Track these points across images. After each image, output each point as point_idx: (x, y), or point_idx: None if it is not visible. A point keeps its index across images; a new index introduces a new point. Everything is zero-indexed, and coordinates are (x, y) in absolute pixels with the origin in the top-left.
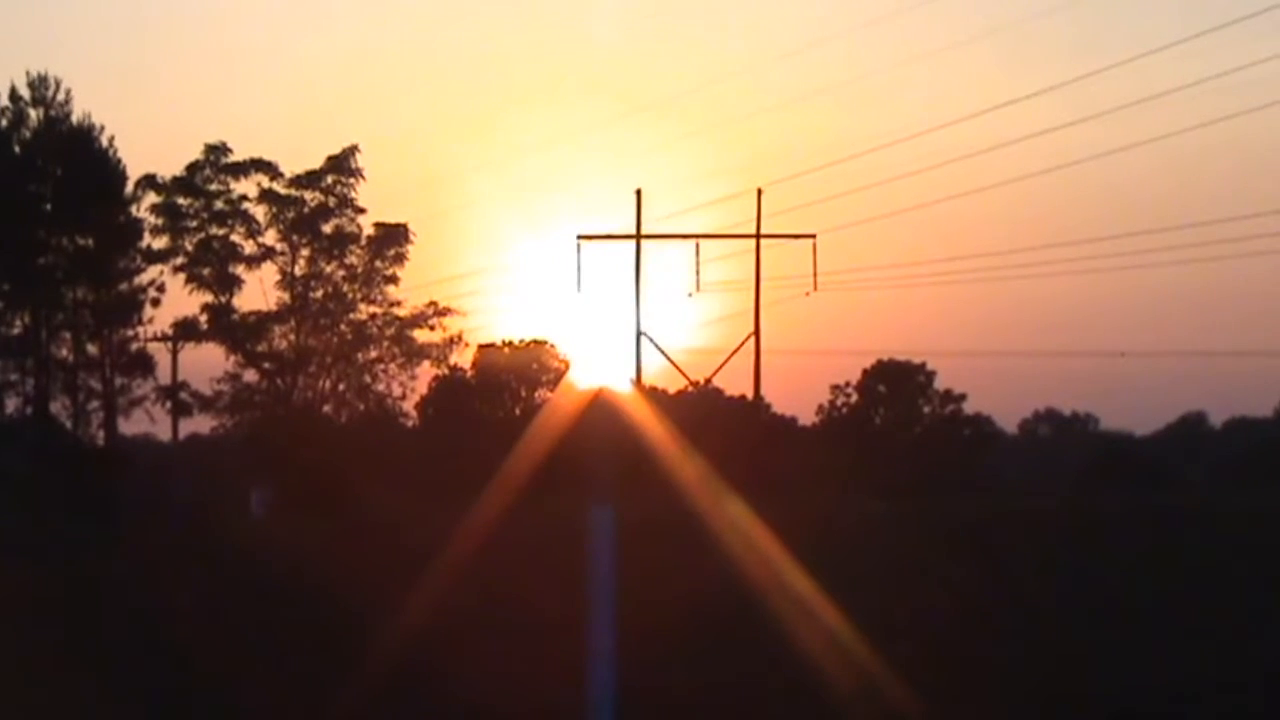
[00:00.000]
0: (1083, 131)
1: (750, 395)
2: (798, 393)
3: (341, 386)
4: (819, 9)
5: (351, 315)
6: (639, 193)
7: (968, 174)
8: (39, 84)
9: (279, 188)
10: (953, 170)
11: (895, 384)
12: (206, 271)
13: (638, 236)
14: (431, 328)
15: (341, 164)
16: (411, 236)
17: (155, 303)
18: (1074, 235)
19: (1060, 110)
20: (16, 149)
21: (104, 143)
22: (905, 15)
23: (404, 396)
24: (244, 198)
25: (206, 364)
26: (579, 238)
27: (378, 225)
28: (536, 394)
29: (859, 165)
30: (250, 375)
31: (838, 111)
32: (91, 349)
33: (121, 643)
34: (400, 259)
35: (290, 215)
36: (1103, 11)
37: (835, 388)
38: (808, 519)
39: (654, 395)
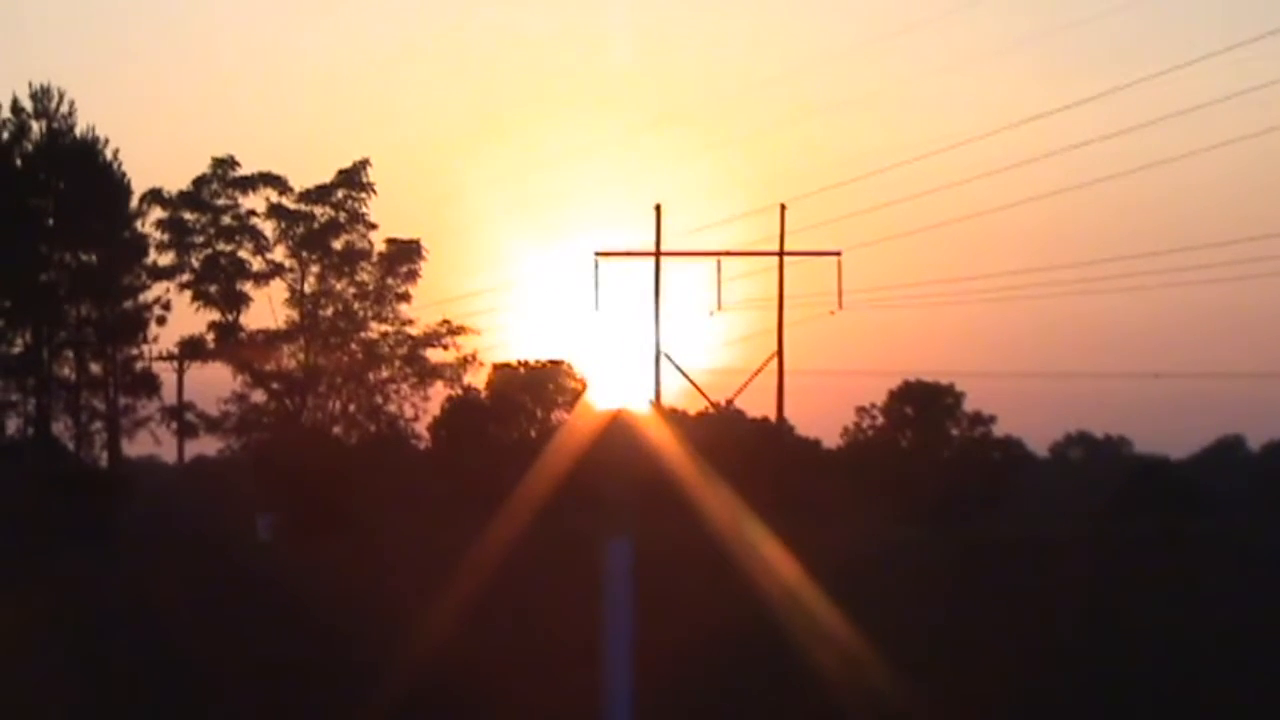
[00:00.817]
0: (1118, 145)
1: (773, 417)
2: (822, 415)
3: (352, 407)
4: (845, 19)
5: (362, 334)
6: (658, 208)
7: (998, 188)
8: (41, 95)
9: (288, 202)
10: (983, 185)
11: (923, 406)
12: (213, 289)
13: (657, 253)
14: (445, 347)
15: (352, 178)
16: (424, 253)
17: (160, 321)
18: (1108, 252)
19: (1095, 123)
20: (18, 162)
21: (108, 156)
22: (934, 25)
23: (416, 418)
24: (252, 213)
25: (213, 384)
26: (597, 254)
27: (389, 241)
28: (552, 416)
29: (885, 180)
30: (258, 396)
31: (864, 124)
32: (95, 368)
33: (127, 677)
34: (412, 276)
35: (299, 231)
36: (1140, 21)
37: (861, 410)
38: (833, 546)
39: (674, 417)
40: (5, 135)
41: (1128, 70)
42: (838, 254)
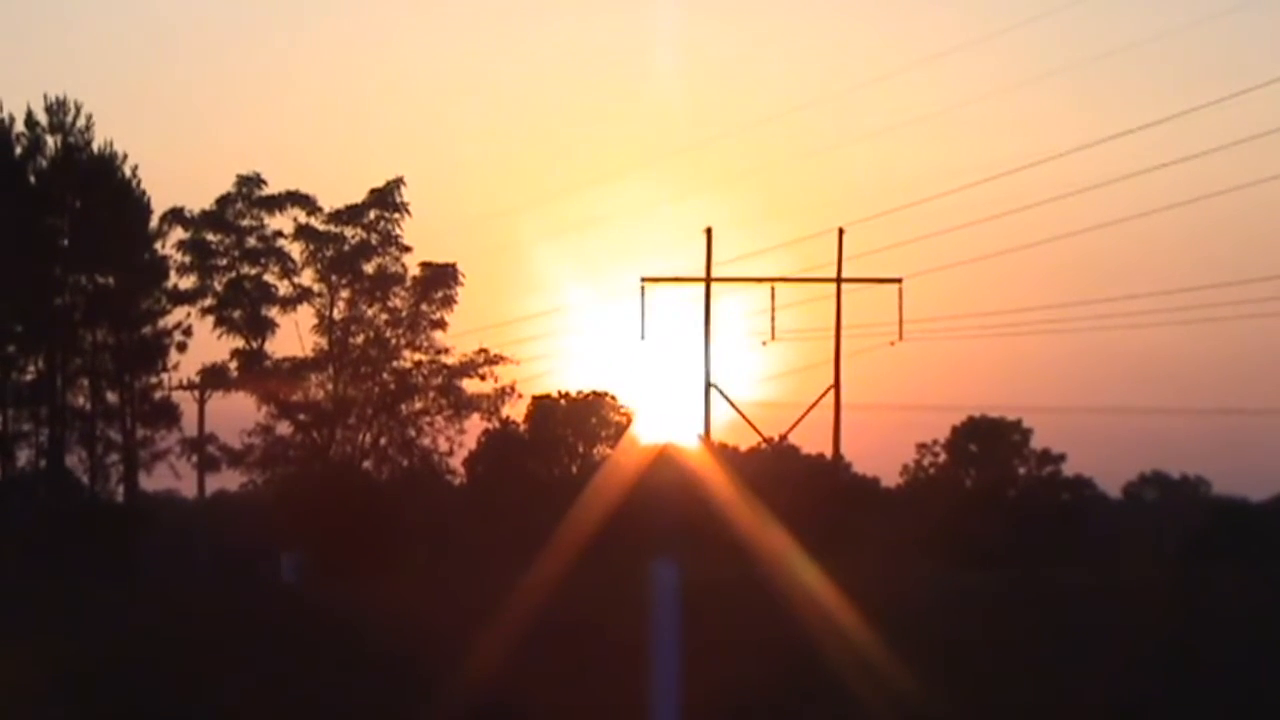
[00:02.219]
0: (1196, 168)
1: (829, 454)
2: (881, 451)
3: (383, 441)
4: (906, 33)
5: (395, 363)
6: (709, 231)
7: (1068, 213)
8: (57, 109)
9: (317, 223)
10: (1052, 209)
11: (988, 443)
12: (237, 314)
13: (707, 279)
14: (482, 377)
15: (385, 198)
16: (460, 278)
17: (181, 347)
18: (1186, 281)
19: (1171, 145)
20: (32, 179)
21: (127, 173)
22: (1000, 40)
23: (451, 452)
24: (279, 234)
25: (236, 415)
26: (643, 280)
27: (424, 265)
28: (596, 450)
29: (949, 203)
30: (284, 428)
31: (927, 144)
32: (111, 397)
33: None
34: (448, 302)
35: (329, 254)
36: (1218, 40)
37: (922, 446)
38: (892, 591)
39: (724, 453)
40: (19, 150)
41: (1210, 90)
42: (898, 281)
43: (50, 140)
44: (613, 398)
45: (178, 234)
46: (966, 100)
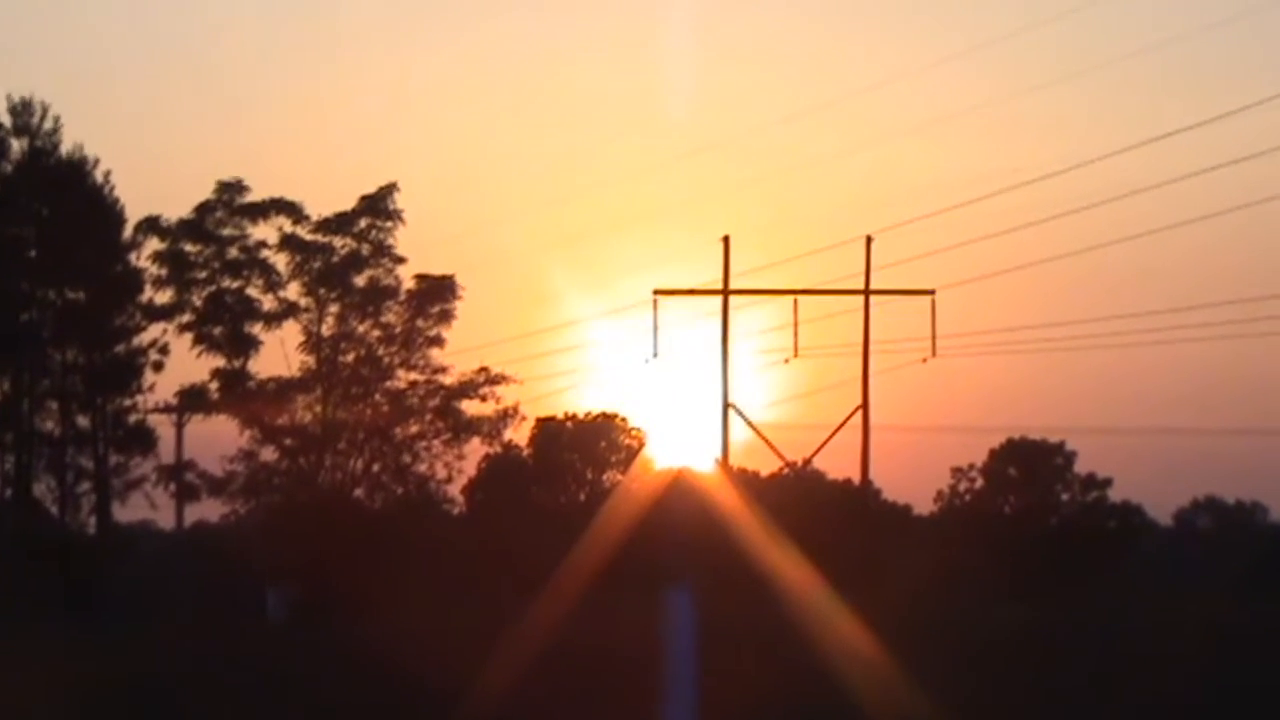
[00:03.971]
0: (1254, 169)
1: (857, 479)
2: (913, 476)
3: (376, 467)
4: (940, 26)
5: (388, 383)
6: (726, 240)
7: (1114, 219)
8: (22, 110)
9: (303, 233)
10: (1096, 215)
11: (1028, 466)
12: (217, 331)
13: (725, 292)
14: (482, 398)
15: (377, 205)
16: (459, 291)
17: (157, 367)
18: (1240, 292)
19: (1229, 145)
20: None
21: (98, 179)
22: (1040, 33)
23: (449, 479)
24: (262, 244)
25: (217, 440)
26: (655, 293)
27: (419, 278)
28: (605, 476)
29: (985, 209)
30: (268, 453)
31: (961, 145)
32: (82, 421)
33: None
34: (446, 317)
35: (317, 265)
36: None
37: (957, 471)
38: (925, 626)
39: (743, 478)
40: None
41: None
42: (931, 293)
43: (15, 144)
44: (623, 419)
45: (153, 244)
46: (1004, 98)
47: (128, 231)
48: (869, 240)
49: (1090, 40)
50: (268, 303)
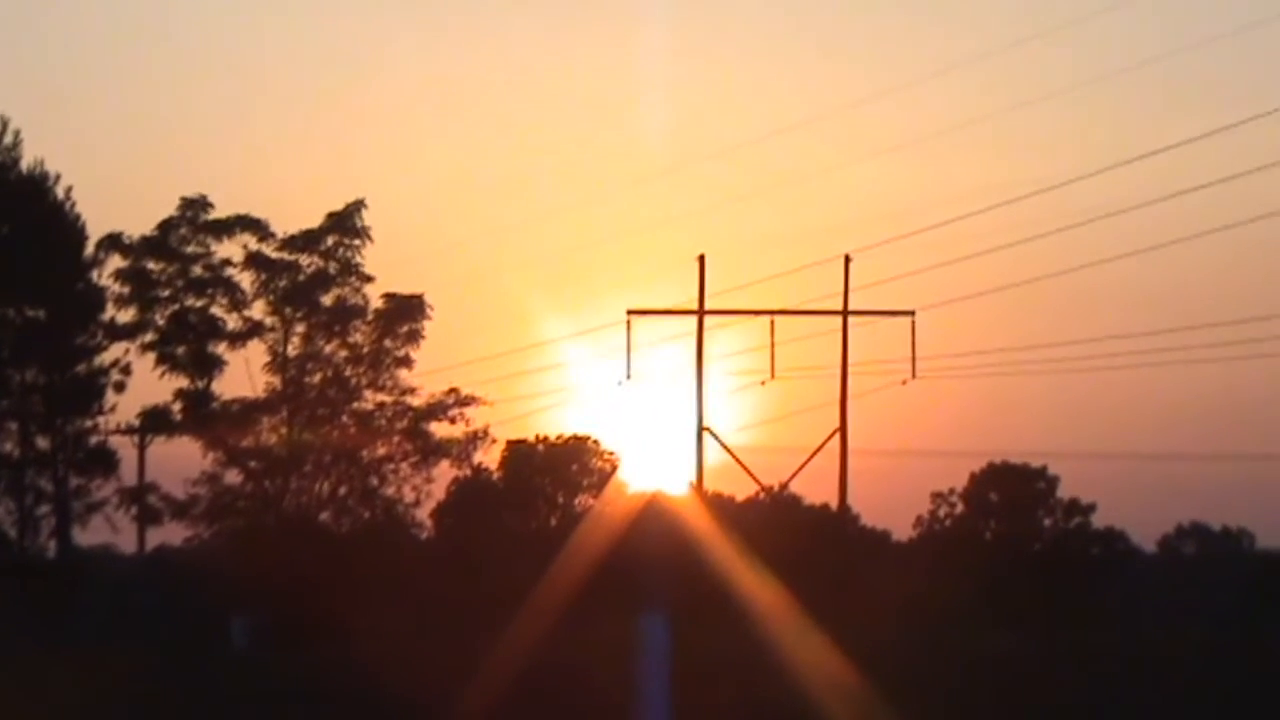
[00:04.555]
0: (1237, 190)
1: (834, 504)
2: (892, 501)
3: (343, 490)
4: (920, 43)
5: (355, 404)
6: (702, 259)
7: (1098, 239)
8: None
9: (269, 250)
10: (1080, 235)
11: (1009, 491)
12: (181, 351)
13: (700, 312)
14: (451, 420)
15: (344, 222)
16: (428, 310)
17: (119, 388)
18: (1228, 314)
19: (1212, 163)
20: None
21: (59, 194)
22: (1024, 49)
23: (418, 502)
24: (227, 262)
25: (180, 462)
26: (628, 313)
27: (387, 296)
28: (577, 501)
29: (967, 228)
30: (232, 476)
31: (942, 163)
32: (41, 443)
33: None
34: (414, 337)
35: (282, 284)
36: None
37: (937, 496)
38: (905, 655)
39: (718, 503)
40: None
41: (1258, 100)
42: (911, 314)
43: None
44: (595, 442)
45: (115, 262)
46: (986, 115)
47: (89, 249)
48: (847, 259)
49: (1074, 57)
50: (232, 322)
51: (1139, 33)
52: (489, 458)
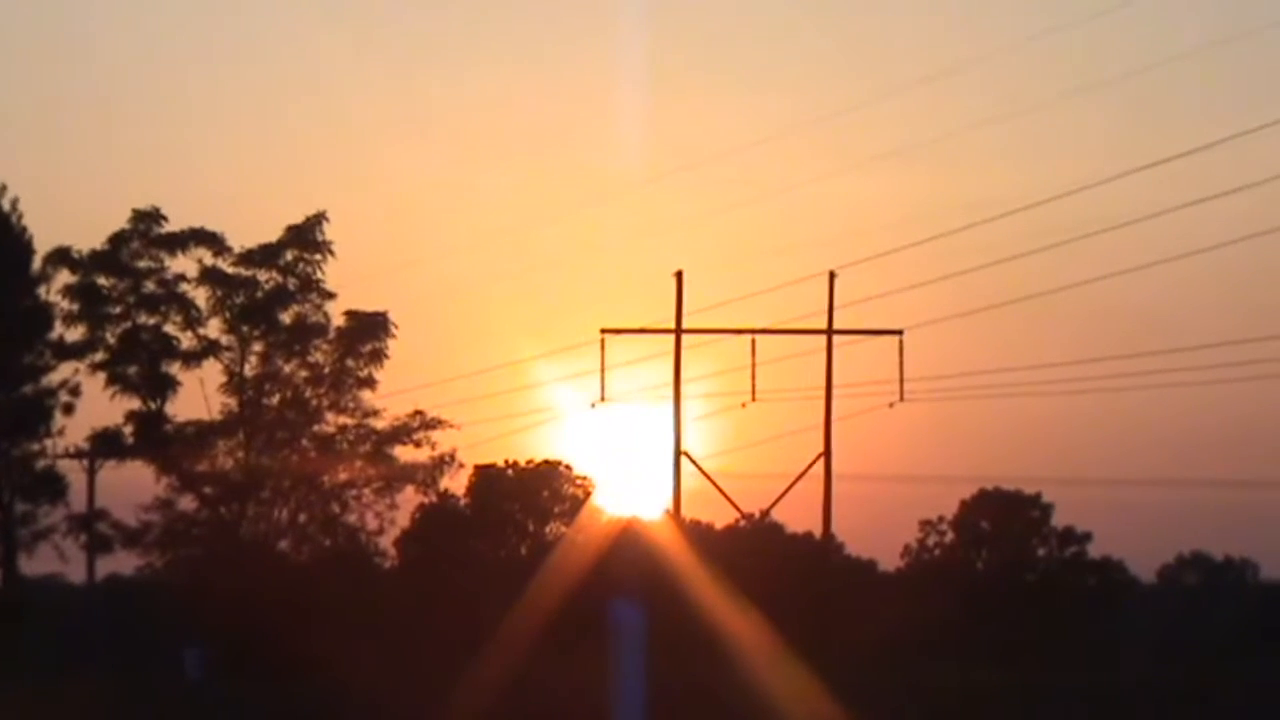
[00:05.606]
0: (1245, 203)
1: (818, 532)
2: (878, 529)
3: (302, 517)
4: (908, 48)
5: (316, 427)
6: (679, 275)
7: (1097, 254)
8: None
9: (225, 265)
10: (1077, 249)
11: (1002, 519)
12: (133, 370)
13: (677, 331)
14: (417, 444)
15: (305, 236)
16: (392, 329)
17: (68, 409)
18: (1231, 334)
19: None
20: None
21: (6, 206)
22: (1018, 54)
23: (381, 530)
24: (181, 278)
25: (131, 487)
26: (602, 331)
27: (350, 314)
28: (548, 528)
29: (958, 243)
30: (187, 502)
31: (932, 175)
32: None
33: None
34: (378, 357)
35: (239, 300)
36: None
37: (926, 523)
38: (891, 693)
39: (696, 531)
40: None
41: (1262, 110)
42: (899, 333)
43: None
44: (568, 467)
45: (64, 277)
46: (980, 123)
47: (37, 263)
48: (832, 276)
49: (1072, 63)
50: (187, 340)
51: (1136, 42)
52: (456, 483)
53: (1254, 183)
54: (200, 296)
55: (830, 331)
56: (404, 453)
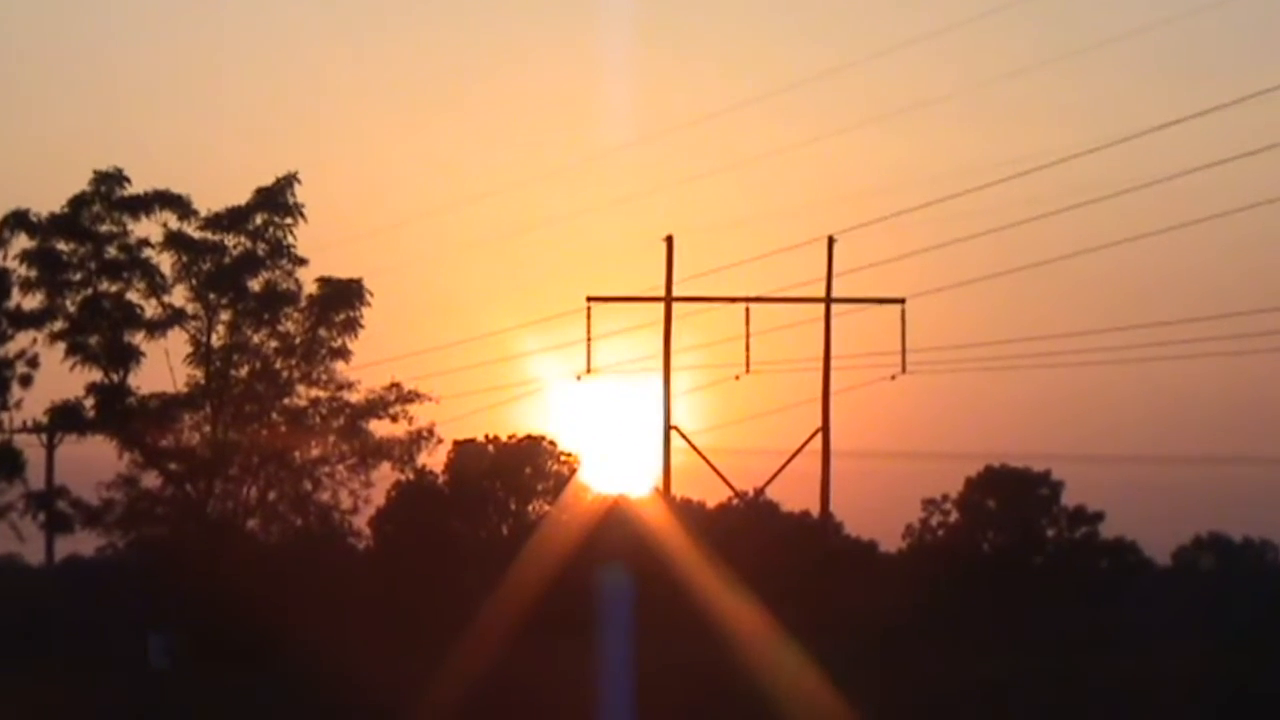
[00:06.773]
0: (1272, 162)
1: (815, 511)
2: (879, 508)
3: (273, 495)
4: (912, 5)
5: (286, 400)
6: (669, 240)
7: (1109, 220)
8: None
9: (191, 230)
10: (1089, 214)
11: (1009, 498)
12: (94, 340)
13: (668, 299)
14: (393, 418)
15: (275, 199)
16: (367, 297)
17: (25, 381)
18: (1250, 303)
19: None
20: None
21: None
22: (1023, 9)
23: (355, 509)
24: (145, 243)
25: (92, 464)
26: (588, 300)
27: (322, 281)
28: (531, 507)
29: (962, 207)
30: (151, 479)
31: (934, 136)
32: None
33: None
34: (352, 326)
35: (206, 267)
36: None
37: (929, 502)
38: (892, 680)
39: (686, 509)
40: None
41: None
42: (901, 302)
43: None
44: (552, 442)
45: (21, 242)
46: (983, 82)
47: None
48: (831, 242)
49: (1083, 20)
50: (150, 309)
51: (1138, 1)
52: (434, 459)
53: (1276, 143)
54: (165, 262)
55: (829, 300)
56: (379, 427)
